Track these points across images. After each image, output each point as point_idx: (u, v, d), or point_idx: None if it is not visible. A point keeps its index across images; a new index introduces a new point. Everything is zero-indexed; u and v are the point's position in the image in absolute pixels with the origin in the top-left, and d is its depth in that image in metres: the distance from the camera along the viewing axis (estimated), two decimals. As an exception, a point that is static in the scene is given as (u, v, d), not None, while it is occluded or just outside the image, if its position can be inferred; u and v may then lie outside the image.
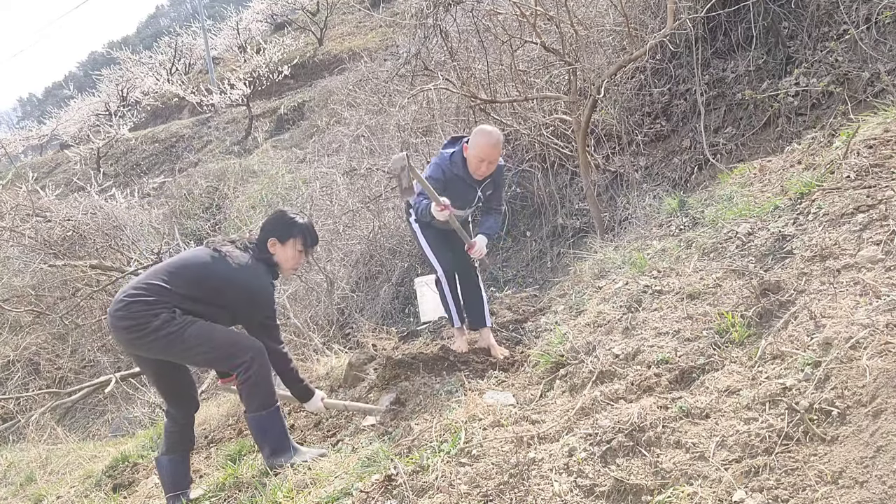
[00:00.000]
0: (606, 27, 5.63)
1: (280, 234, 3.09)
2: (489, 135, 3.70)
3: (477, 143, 3.68)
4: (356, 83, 10.49)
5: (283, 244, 3.09)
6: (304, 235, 3.13)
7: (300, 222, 3.14)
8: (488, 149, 3.66)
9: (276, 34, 22.82)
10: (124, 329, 2.81)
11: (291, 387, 3.15)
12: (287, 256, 3.11)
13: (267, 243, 3.09)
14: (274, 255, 3.09)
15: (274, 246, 3.09)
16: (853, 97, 4.20)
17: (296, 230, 3.11)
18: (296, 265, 3.19)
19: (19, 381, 8.21)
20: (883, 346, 1.83)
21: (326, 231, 7.23)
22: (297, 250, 3.12)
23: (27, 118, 49.25)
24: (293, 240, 3.10)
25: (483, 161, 3.69)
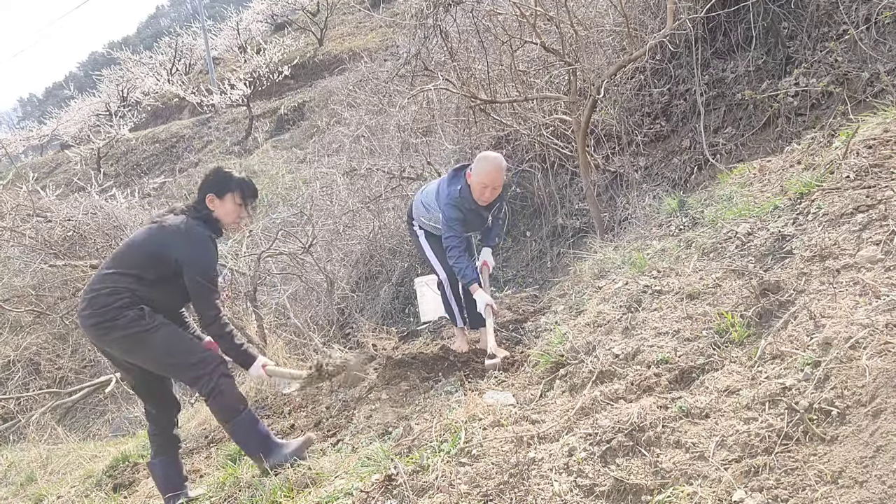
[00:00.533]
0: (606, 27, 5.63)
1: (217, 190, 3.07)
2: (492, 161, 3.78)
3: (480, 170, 3.75)
4: (356, 83, 10.49)
5: (221, 199, 3.07)
6: (241, 189, 3.10)
7: (236, 176, 3.12)
8: (493, 174, 3.73)
9: (277, 34, 22.83)
10: (92, 326, 2.88)
11: (229, 353, 3.07)
12: (227, 211, 3.09)
13: (205, 200, 3.08)
14: (213, 212, 3.08)
15: (212, 202, 3.07)
16: (853, 97, 4.20)
17: (233, 184, 3.09)
18: (237, 219, 3.15)
19: (20, 380, 8.21)
20: (883, 346, 1.83)
21: (326, 231, 7.23)
22: (237, 203, 3.09)
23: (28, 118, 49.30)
24: (231, 194, 3.08)
25: (487, 187, 3.76)
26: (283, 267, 6.85)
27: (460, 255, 3.85)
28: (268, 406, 4.35)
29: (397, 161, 6.94)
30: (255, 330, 5.03)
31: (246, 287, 5.51)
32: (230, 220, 3.13)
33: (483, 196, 3.80)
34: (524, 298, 5.12)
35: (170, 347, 2.90)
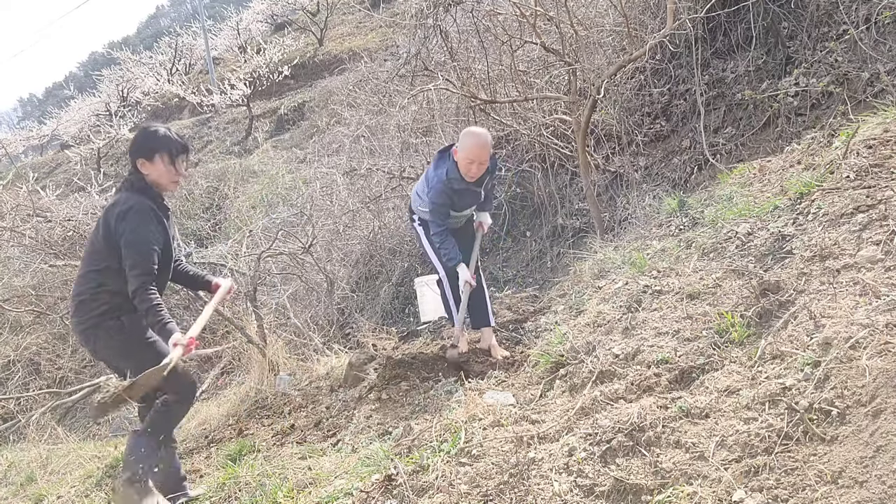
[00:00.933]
0: (606, 27, 5.63)
1: (145, 152, 2.96)
2: (476, 136, 3.74)
3: (465, 146, 3.71)
4: (356, 83, 10.49)
5: (151, 161, 2.95)
6: (168, 147, 2.97)
7: (161, 134, 2.99)
8: (476, 150, 3.68)
9: (277, 34, 22.82)
10: (80, 333, 2.93)
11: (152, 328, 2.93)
12: (160, 172, 2.97)
13: (137, 166, 2.97)
14: (148, 176, 2.96)
15: (144, 166, 2.96)
16: (853, 97, 4.20)
17: (159, 143, 2.96)
18: (174, 178, 3.02)
19: (20, 381, 8.21)
20: (883, 346, 1.83)
21: (326, 231, 7.23)
22: (168, 163, 2.97)
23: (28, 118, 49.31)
24: (159, 154, 2.95)
25: (473, 162, 3.71)
26: (283, 267, 6.85)
27: (444, 239, 3.85)
28: (268, 406, 4.35)
29: (397, 161, 6.94)
30: (255, 330, 5.02)
31: (246, 287, 5.51)
32: (166, 181, 3.00)
33: (470, 172, 3.75)
34: (524, 298, 5.12)
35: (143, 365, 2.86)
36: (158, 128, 3.03)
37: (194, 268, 3.14)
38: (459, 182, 3.79)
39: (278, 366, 4.79)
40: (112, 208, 2.94)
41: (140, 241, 2.84)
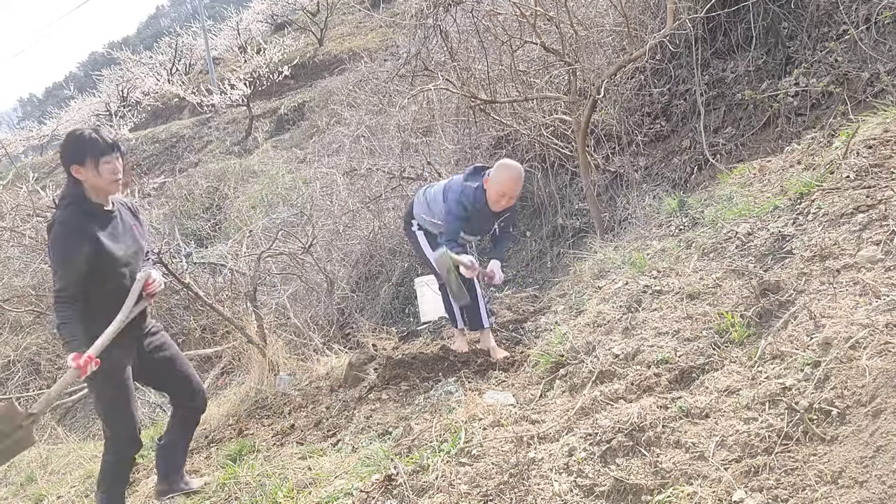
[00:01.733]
0: (606, 27, 5.63)
1: (76, 159, 2.75)
2: (513, 169, 3.74)
3: (500, 178, 3.71)
4: (356, 83, 10.49)
5: (84, 166, 2.75)
6: (94, 148, 2.75)
7: (86, 136, 2.77)
8: (511, 183, 3.69)
9: (277, 34, 22.82)
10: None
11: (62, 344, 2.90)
12: (95, 175, 2.76)
13: (72, 174, 2.77)
14: (86, 182, 2.78)
15: (79, 172, 2.76)
16: (853, 97, 4.20)
17: (86, 147, 2.75)
18: (111, 179, 2.80)
19: (20, 380, 8.21)
20: (883, 346, 1.83)
21: (326, 231, 7.23)
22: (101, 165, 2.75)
23: (28, 118, 49.30)
24: (90, 157, 2.74)
25: (504, 196, 3.73)
26: (283, 267, 6.85)
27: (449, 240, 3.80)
28: (268, 406, 4.35)
29: (397, 161, 6.94)
30: (255, 330, 5.02)
31: (246, 287, 5.51)
32: (104, 184, 2.79)
33: (499, 204, 3.75)
34: (524, 298, 5.12)
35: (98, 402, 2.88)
36: (84, 130, 2.84)
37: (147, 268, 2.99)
38: (482, 204, 3.77)
39: (278, 366, 4.79)
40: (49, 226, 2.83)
41: (56, 257, 2.73)
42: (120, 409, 2.87)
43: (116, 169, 2.81)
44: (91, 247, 2.74)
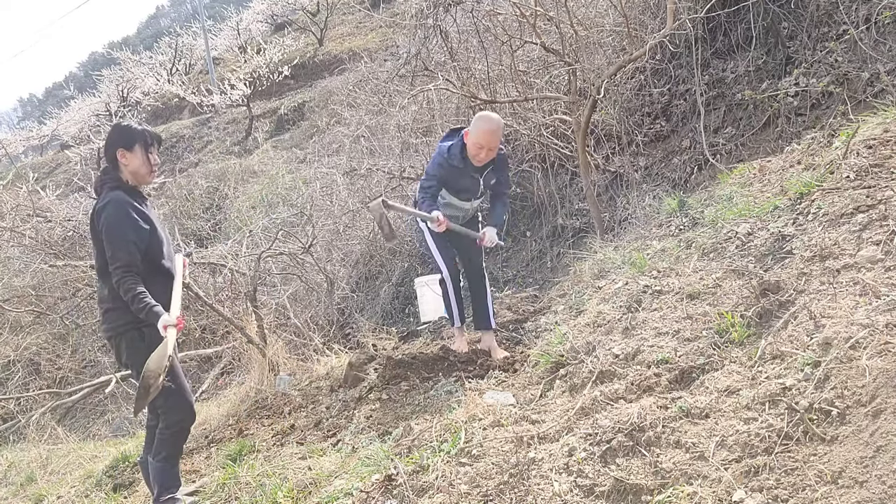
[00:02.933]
0: (606, 27, 5.62)
1: (125, 143, 3.02)
2: (489, 121, 3.71)
3: (476, 130, 3.69)
4: (356, 83, 10.49)
5: (131, 151, 3.02)
6: (144, 137, 3.06)
7: (137, 127, 3.09)
8: (487, 135, 3.66)
9: (277, 34, 22.82)
10: (106, 338, 3.08)
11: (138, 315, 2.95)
12: (140, 161, 3.04)
13: (116, 157, 3.03)
14: (127, 167, 3.03)
15: (124, 156, 3.02)
16: (853, 97, 4.20)
17: (136, 134, 3.05)
18: (152, 169, 3.10)
19: (20, 381, 8.21)
20: (883, 346, 1.83)
21: (326, 231, 7.23)
22: (146, 154, 3.05)
23: (28, 118, 49.29)
24: (137, 144, 3.03)
25: (482, 148, 3.70)
26: (283, 267, 6.85)
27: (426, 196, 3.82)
28: (268, 406, 4.35)
29: (397, 161, 6.94)
30: (255, 330, 5.02)
31: (246, 287, 5.51)
32: (145, 172, 3.07)
33: (479, 156, 3.75)
34: (524, 298, 5.12)
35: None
36: (132, 121, 3.14)
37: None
38: (458, 160, 3.78)
39: (278, 366, 4.79)
40: (92, 215, 3.00)
41: (116, 234, 2.88)
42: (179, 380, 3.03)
43: (157, 161, 3.13)
44: (150, 225, 2.99)
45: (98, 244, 2.96)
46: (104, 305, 3.02)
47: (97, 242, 2.97)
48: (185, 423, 3.07)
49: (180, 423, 3.04)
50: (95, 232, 2.96)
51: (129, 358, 3.02)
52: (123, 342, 2.97)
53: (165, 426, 3.03)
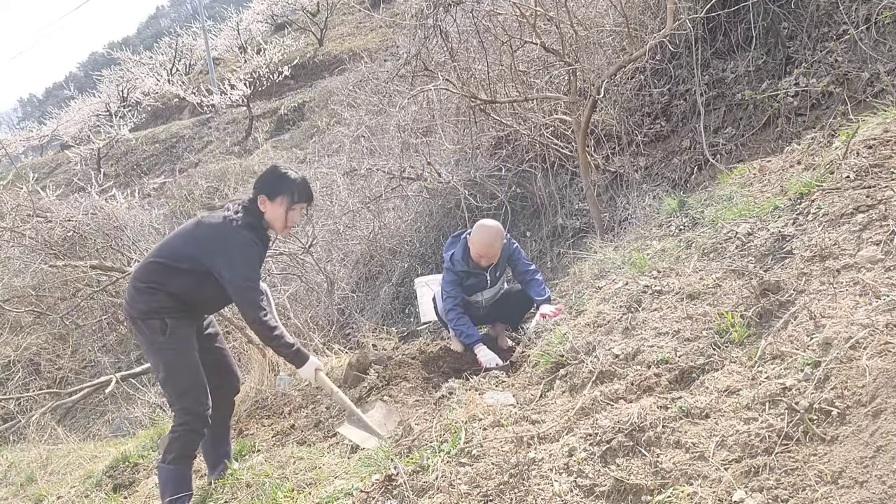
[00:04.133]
0: (606, 28, 5.62)
1: (269, 191, 2.95)
2: (487, 231, 3.94)
3: (474, 241, 3.95)
4: (356, 84, 10.49)
5: (272, 201, 2.95)
6: (292, 192, 2.96)
7: (291, 177, 2.98)
8: (485, 247, 3.92)
9: (277, 35, 22.83)
10: (128, 318, 3.00)
11: (281, 354, 3.04)
12: (277, 215, 2.97)
13: (257, 201, 2.97)
14: (265, 214, 2.97)
15: (264, 203, 2.96)
16: (853, 97, 4.20)
17: (285, 187, 2.95)
18: (288, 223, 3.02)
19: (20, 381, 8.21)
20: (883, 346, 1.83)
21: (326, 231, 7.23)
22: (288, 208, 2.97)
23: (28, 119, 49.30)
24: (281, 197, 2.94)
25: (482, 256, 3.96)
26: (283, 267, 6.85)
27: (458, 316, 4.03)
28: (268, 406, 4.35)
29: (397, 161, 6.94)
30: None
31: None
32: (280, 225, 3.00)
33: (480, 263, 4.00)
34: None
35: (167, 373, 2.91)
36: (290, 171, 3.03)
37: None
38: (462, 265, 4.01)
39: (278, 366, 4.79)
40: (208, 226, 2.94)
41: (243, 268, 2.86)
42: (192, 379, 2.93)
43: (297, 220, 3.06)
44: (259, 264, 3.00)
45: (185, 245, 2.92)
46: (138, 283, 2.92)
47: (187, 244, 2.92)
48: (194, 426, 2.94)
49: (187, 425, 2.94)
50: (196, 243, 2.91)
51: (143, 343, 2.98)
52: (144, 326, 2.89)
53: (177, 424, 2.95)
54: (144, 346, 3.02)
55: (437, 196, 6.64)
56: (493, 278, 4.18)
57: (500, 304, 4.32)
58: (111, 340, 8.58)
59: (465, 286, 4.13)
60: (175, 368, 2.91)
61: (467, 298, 4.25)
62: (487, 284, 4.16)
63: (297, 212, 3.03)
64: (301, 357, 3.00)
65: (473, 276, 4.09)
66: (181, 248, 2.94)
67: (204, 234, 2.92)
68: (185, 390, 2.92)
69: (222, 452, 3.26)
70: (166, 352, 2.89)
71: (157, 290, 2.89)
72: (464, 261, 4.00)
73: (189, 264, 2.89)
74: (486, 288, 4.19)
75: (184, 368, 2.91)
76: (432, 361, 3.96)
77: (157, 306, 2.88)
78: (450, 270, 4.08)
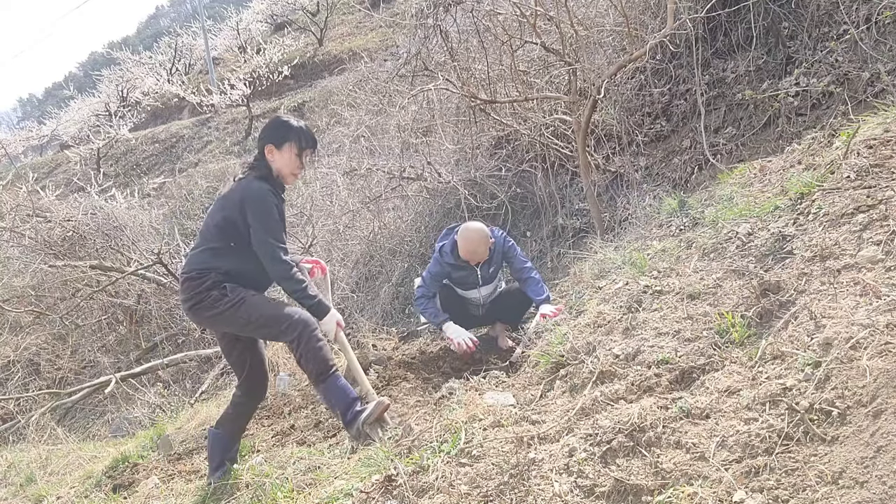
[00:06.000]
0: (606, 27, 5.62)
1: (275, 140, 3.05)
2: (469, 233, 4.02)
3: (461, 242, 4.04)
4: (356, 83, 10.48)
5: (279, 149, 3.05)
6: (299, 137, 3.06)
7: (294, 125, 3.08)
8: (467, 252, 4.02)
9: (276, 34, 22.83)
10: (187, 310, 3.02)
11: (303, 305, 3.06)
12: (285, 161, 3.06)
13: (264, 151, 3.06)
14: (273, 163, 3.06)
15: (272, 153, 3.06)
16: (853, 97, 4.20)
17: (291, 133, 3.05)
18: (296, 170, 3.12)
19: (19, 381, 8.21)
20: (883, 346, 1.83)
21: (326, 231, 7.23)
22: (294, 154, 3.06)
23: (27, 118, 49.28)
24: (289, 143, 3.05)
25: (469, 256, 4.05)
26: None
27: (426, 303, 4.17)
28: (267, 406, 4.34)
29: (397, 161, 6.94)
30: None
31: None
32: (288, 171, 3.09)
33: (470, 261, 4.09)
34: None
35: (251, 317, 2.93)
36: (291, 119, 3.12)
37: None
38: (451, 258, 4.10)
39: (278, 366, 4.79)
40: (229, 193, 3.04)
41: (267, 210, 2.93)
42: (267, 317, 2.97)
43: (304, 165, 3.13)
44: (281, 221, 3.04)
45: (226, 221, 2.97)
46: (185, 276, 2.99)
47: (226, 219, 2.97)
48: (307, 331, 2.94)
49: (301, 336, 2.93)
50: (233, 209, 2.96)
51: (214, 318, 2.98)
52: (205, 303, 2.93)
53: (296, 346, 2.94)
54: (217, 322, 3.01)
55: (437, 196, 6.63)
56: (487, 274, 4.21)
57: (498, 302, 4.33)
58: (111, 340, 8.57)
59: (455, 278, 4.20)
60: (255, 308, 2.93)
61: (464, 295, 4.27)
62: (479, 280, 4.20)
63: (305, 157, 3.11)
64: (321, 308, 3.06)
65: (462, 270, 4.16)
66: (214, 222, 3.02)
67: (227, 197, 3.02)
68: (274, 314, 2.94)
69: (229, 456, 3.27)
70: (239, 306, 2.91)
71: (208, 271, 2.95)
72: (452, 255, 4.09)
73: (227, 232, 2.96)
74: (477, 283, 4.22)
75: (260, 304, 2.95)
76: (432, 362, 3.96)
77: (211, 282, 2.94)
78: (437, 261, 4.17)
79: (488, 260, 4.14)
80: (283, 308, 2.99)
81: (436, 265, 4.20)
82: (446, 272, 4.19)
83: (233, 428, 3.26)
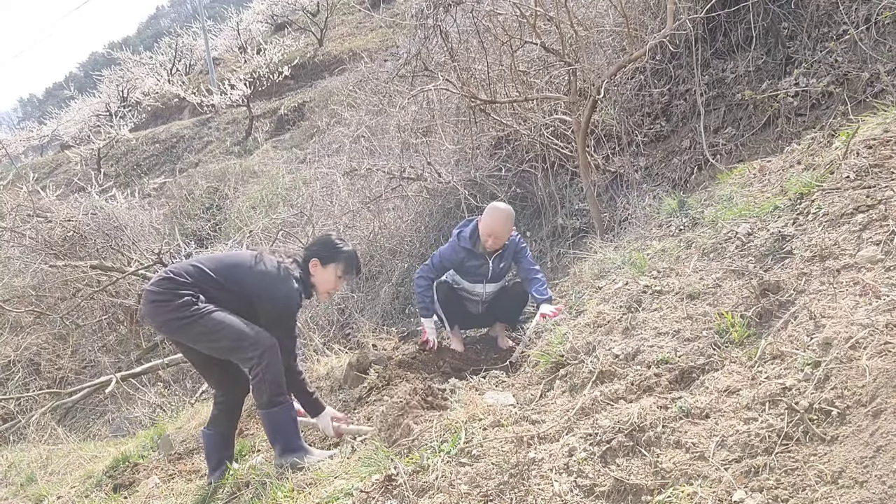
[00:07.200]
0: (606, 28, 5.62)
1: (323, 257, 3.21)
2: (497, 211, 4.01)
3: (486, 217, 3.99)
4: (356, 84, 10.48)
5: (324, 267, 3.21)
6: (345, 262, 3.24)
7: (345, 250, 3.26)
8: (494, 224, 3.96)
9: (277, 35, 22.82)
10: (149, 302, 2.96)
11: (300, 398, 3.20)
12: (325, 279, 3.22)
13: (309, 263, 3.22)
14: (313, 276, 3.21)
15: (315, 267, 3.21)
16: (853, 97, 4.20)
17: (340, 256, 3.23)
18: (332, 289, 3.29)
19: (20, 381, 8.22)
20: (883, 346, 1.83)
21: (326, 231, 7.21)
22: (337, 276, 3.23)
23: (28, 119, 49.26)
24: (334, 265, 3.21)
25: (490, 236, 3.97)
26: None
27: (425, 287, 4.16)
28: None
29: (397, 161, 6.94)
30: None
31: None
32: (324, 289, 3.26)
33: (487, 243, 4.02)
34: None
35: (215, 330, 2.92)
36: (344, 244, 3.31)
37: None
38: (468, 243, 4.05)
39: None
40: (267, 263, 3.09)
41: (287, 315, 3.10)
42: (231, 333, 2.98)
43: (340, 288, 3.36)
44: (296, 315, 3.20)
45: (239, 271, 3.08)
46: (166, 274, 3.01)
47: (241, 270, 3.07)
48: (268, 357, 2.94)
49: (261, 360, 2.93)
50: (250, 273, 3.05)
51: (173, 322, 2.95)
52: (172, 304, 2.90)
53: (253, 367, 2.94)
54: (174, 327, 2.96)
55: (437, 196, 6.63)
56: (497, 270, 4.17)
57: (495, 300, 4.32)
58: (111, 340, 8.58)
59: (466, 267, 4.15)
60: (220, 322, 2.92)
61: (468, 288, 4.24)
62: (488, 274, 4.16)
63: (343, 284, 3.31)
64: (317, 406, 3.22)
65: (475, 259, 4.11)
66: (236, 274, 3.07)
67: (262, 271, 3.07)
68: (239, 334, 2.94)
69: (225, 455, 3.27)
70: (203, 316, 2.90)
71: (194, 286, 2.96)
72: (470, 239, 4.05)
73: (238, 287, 3.04)
74: (486, 276, 4.18)
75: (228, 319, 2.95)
76: (432, 361, 3.96)
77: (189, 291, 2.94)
78: (453, 245, 4.13)
79: (501, 254, 4.11)
80: (252, 327, 2.98)
81: (450, 249, 4.14)
82: (460, 258, 4.11)
83: (224, 426, 3.26)
